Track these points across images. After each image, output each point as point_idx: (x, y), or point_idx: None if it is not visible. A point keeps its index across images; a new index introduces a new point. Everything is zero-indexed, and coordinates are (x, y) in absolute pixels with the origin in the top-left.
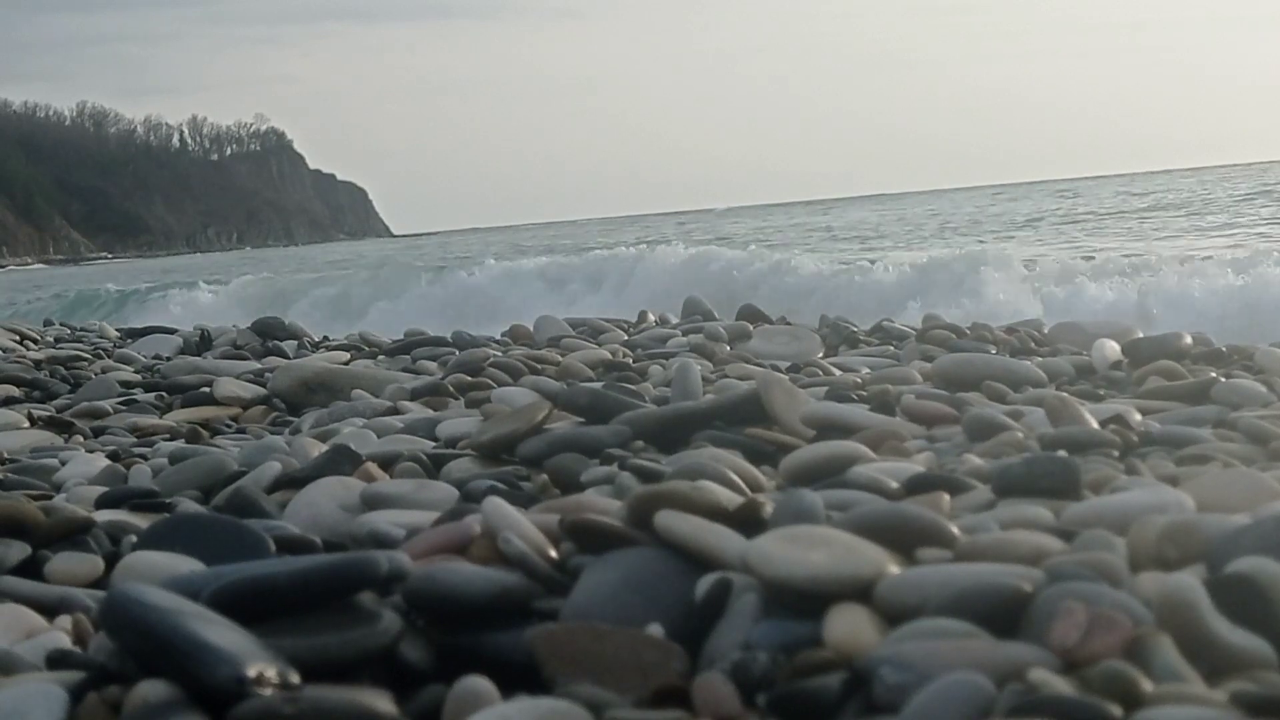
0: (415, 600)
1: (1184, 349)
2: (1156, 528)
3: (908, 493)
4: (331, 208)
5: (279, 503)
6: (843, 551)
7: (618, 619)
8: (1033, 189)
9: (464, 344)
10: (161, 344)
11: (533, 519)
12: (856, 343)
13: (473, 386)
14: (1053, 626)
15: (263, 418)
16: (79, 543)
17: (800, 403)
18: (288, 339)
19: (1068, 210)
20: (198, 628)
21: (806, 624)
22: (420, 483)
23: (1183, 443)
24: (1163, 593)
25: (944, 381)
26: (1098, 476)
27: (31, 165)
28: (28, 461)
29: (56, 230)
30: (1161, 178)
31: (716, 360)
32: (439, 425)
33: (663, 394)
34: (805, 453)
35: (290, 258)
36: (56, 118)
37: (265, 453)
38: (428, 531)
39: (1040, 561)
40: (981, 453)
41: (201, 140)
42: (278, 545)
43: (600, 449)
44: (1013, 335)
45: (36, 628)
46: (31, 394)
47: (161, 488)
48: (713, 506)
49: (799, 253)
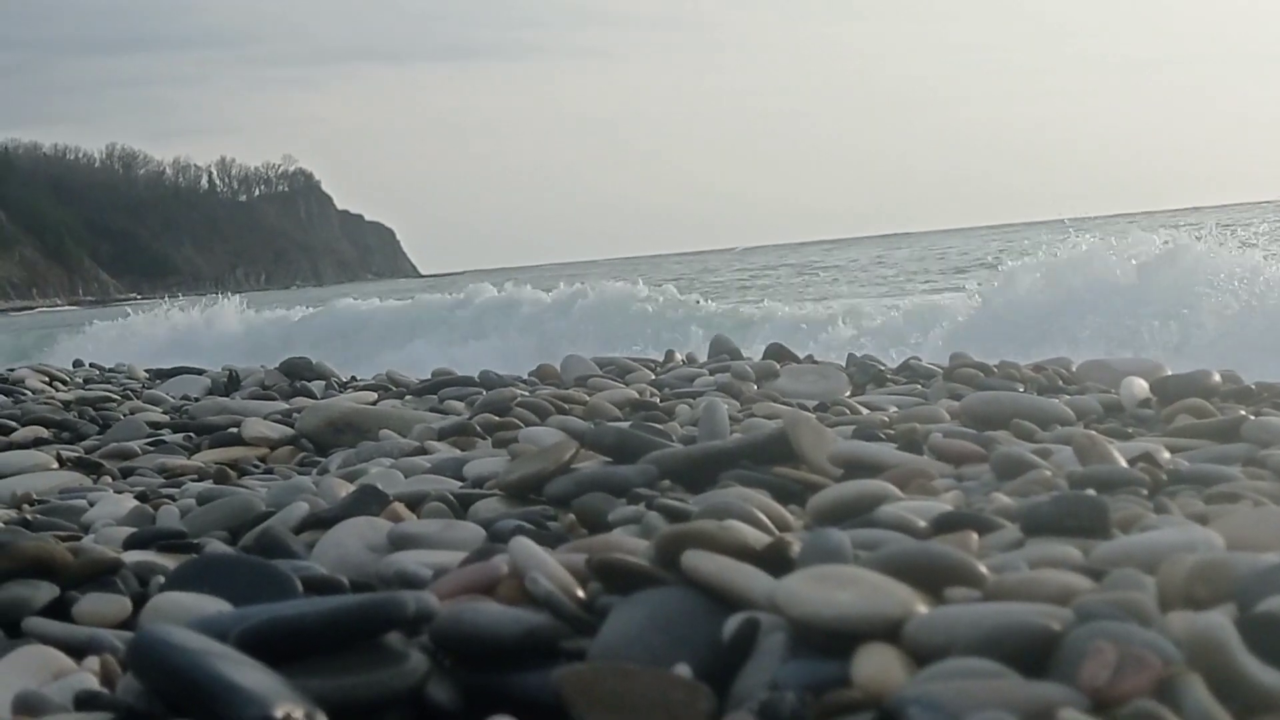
0: (443, 640)
1: (1213, 386)
2: (1186, 566)
3: (936, 531)
4: (359, 248)
5: (306, 543)
6: (871, 591)
7: (645, 659)
8: (1049, 228)
9: (491, 384)
10: (190, 385)
11: (560, 559)
12: (884, 381)
13: (500, 426)
14: (1082, 666)
15: (290, 458)
16: (107, 584)
17: (828, 441)
18: (315, 379)
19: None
20: (225, 669)
21: (834, 664)
22: (447, 523)
23: (1212, 481)
24: (1193, 632)
25: (972, 420)
26: (1127, 515)
27: (61, 207)
28: (56, 502)
29: (86, 271)
30: (1190, 214)
31: (744, 399)
32: (466, 465)
33: (690, 433)
34: (833, 492)
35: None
36: (86, 160)
37: (293, 493)
38: (455, 571)
39: (1069, 601)
40: (1010, 491)
41: (230, 181)
42: (305, 586)
43: (627, 488)
44: (1040, 373)
45: (65, 669)
46: (60, 435)
47: (189, 528)
48: (740, 546)
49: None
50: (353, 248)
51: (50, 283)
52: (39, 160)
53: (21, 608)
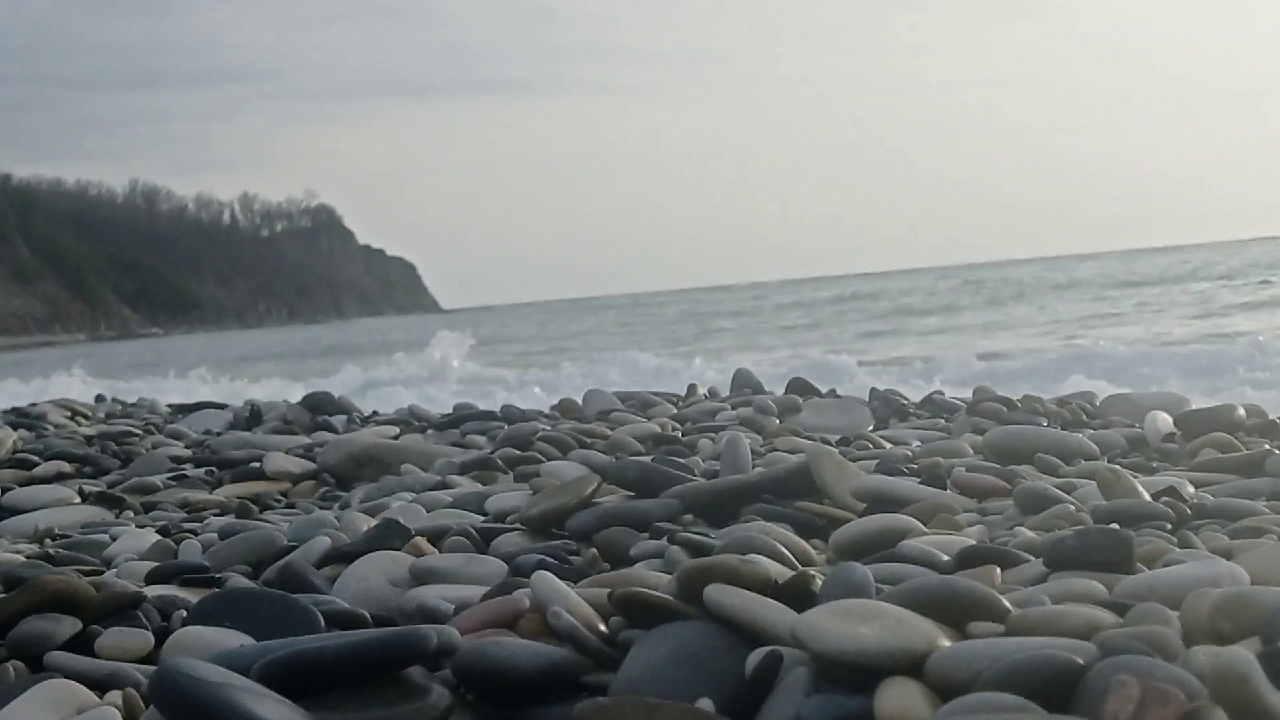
0: (465, 674)
1: (1237, 421)
2: (1210, 601)
3: (959, 566)
4: (381, 283)
5: (328, 577)
6: (894, 625)
7: (668, 693)
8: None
9: (513, 418)
10: (212, 419)
11: (582, 593)
12: (907, 415)
13: (522, 461)
14: (1106, 701)
15: (312, 492)
16: (129, 618)
17: (850, 476)
18: (337, 413)
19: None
20: (247, 702)
21: (857, 698)
22: (469, 557)
23: (1236, 515)
24: (1217, 666)
25: (995, 454)
26: (1151, 549)
27: (84, 242)
28: (79, 537)
29: (108, 306)
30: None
31: (766, 433)
32: (488, 499)
33: (712, 467)
34: (856, 526)
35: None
36: (109, 195)
37: (315, 527)
38: (477, 606)
39: (1093, 635)
40: (1033, 526)
41: (252, 216)
42: (327, 620)
43: (649, 523)
44: (1064, 408)
45: (87, 703)
46: (83, 470)
47: (211, 563)
48: (763, 580)
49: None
50: (375, 283)
51: (72, 318)
52: (62, 196)
53: (44, 642)
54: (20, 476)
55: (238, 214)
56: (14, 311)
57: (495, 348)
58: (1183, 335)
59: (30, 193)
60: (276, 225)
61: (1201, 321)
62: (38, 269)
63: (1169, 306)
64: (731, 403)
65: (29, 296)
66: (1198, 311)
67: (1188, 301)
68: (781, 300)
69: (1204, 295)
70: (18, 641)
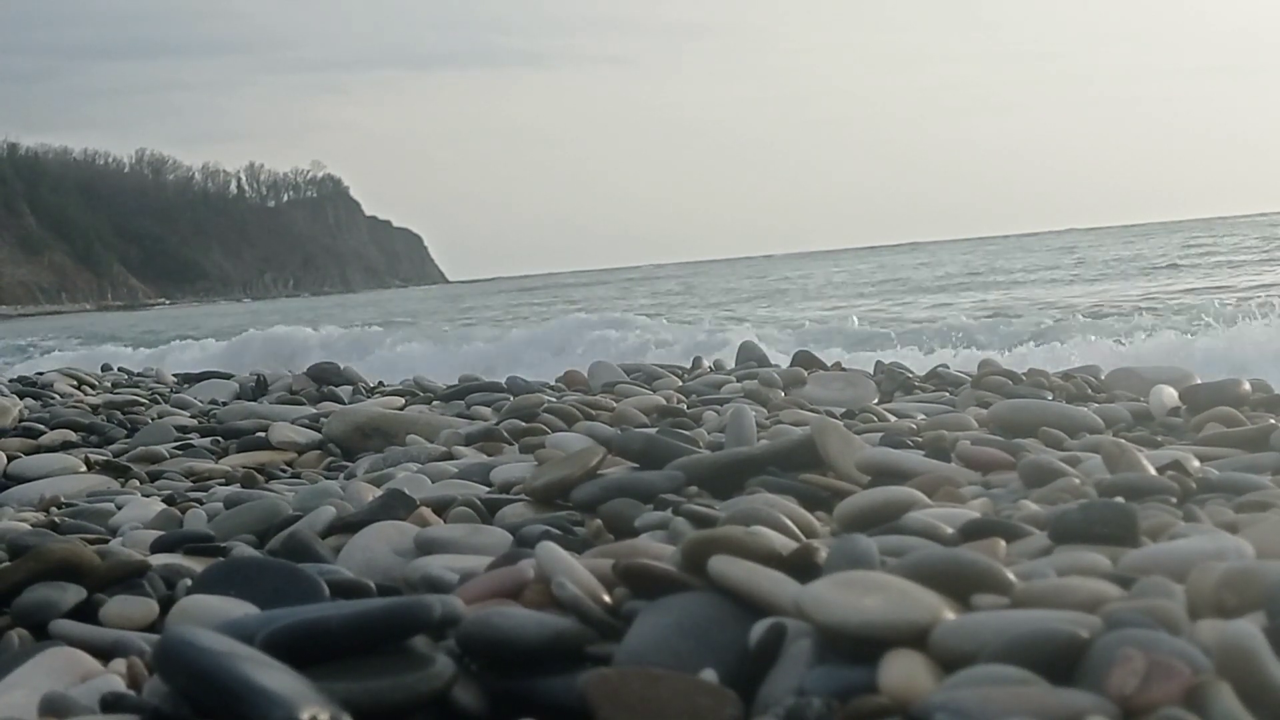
0: (469, 645)
1: (1242, 395)
2: (1215, 575)
3: (963, 539)
4: (387, 254)
5: (333, 547)
6: (898, 597)
7: (671, 664)
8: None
9: (518, 389)
10: (218, 389)
11: (586, 564)
12: (912, 389)
13: (527, 432)
14: (1110, 674)
15: (318, 463)
16: (134, 586)
17: (855, 448)
18: (343, 384)
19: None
20: (252, 671)
21: (861, 670)
22: (474, 527)
23: (1242, 489)
24: (1222, 640)
25: (1000, 427)
26: (1156, 523)
27: (91, 212)
28: (84, 506)
29: (115, 276)
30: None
31: (771, 406)
32: (493, 470)
33: (717, 440)
34: (860, 498)
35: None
36: (116, 165)
37: (320, 497)
38: (481, 576)
39: (1098, 608)
40: (1038, 499)
41: (259, 187)
42: (332, 589)
43: (654, 494)
44: (1069, 381)
45: (91, 671)
46: (89, 439)
47: (217, 532)
48: (767, 552)
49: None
50: (381, 254)
51: (80, 288)
52: (69, 165)
53: (49, 610)
54: (27, 445)
55: (244, 184)
56: (21, 281)
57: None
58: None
59: (37, 162)
60: (283, 196)
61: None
62: (45, 238)
63: None
64: (737, 375)
65: (36, 266)
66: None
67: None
68: (788, 273)
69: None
70: (22, 609)
